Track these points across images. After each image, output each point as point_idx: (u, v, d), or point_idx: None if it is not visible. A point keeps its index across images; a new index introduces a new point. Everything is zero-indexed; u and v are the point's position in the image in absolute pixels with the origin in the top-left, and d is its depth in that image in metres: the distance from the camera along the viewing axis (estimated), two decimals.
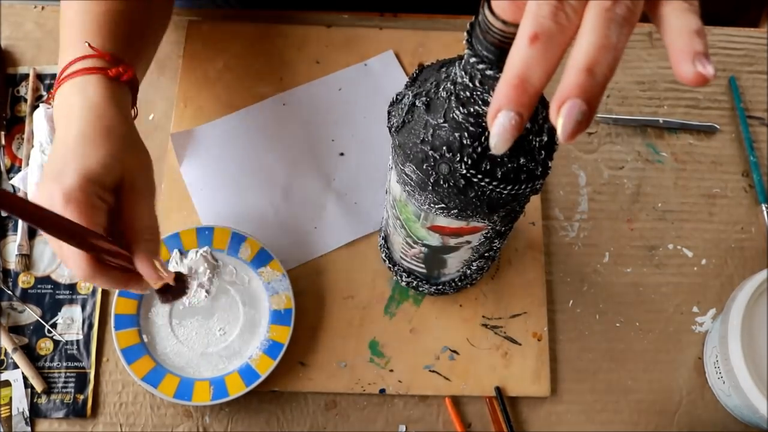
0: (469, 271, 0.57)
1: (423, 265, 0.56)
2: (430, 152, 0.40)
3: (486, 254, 0.54)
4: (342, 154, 0.66)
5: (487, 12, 0.31)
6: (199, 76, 0.69)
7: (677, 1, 0.30)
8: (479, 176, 0.39)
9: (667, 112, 0.71)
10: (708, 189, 0.68)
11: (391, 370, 0.60)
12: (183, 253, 0.60)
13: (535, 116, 0.39)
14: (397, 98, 0.43)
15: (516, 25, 0.31)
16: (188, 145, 0.66)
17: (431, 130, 0.39)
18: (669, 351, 0.62)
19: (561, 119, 0.28)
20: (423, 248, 0.52)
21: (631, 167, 0.69)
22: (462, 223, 0.45)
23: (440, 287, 0.59)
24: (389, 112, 0.44)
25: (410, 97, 0.41)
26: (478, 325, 0.61)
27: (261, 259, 0.60)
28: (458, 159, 0.39)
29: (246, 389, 0.56)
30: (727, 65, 0.73)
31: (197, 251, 0.60)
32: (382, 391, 0.59)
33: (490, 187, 0.40)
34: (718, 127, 0.70)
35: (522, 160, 0.40)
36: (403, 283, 0.60)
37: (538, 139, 0.40)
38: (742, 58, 0.74)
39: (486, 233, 0.48)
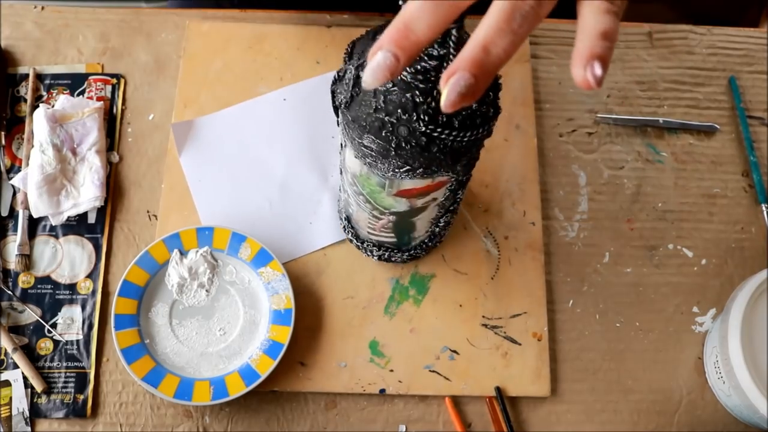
0: (437, 229, 0.58)
1: (392, 235, 0.56)
2: (386, 118, 0.40)
3: (451, 208, 0.55)
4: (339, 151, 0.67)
5: None
6: (199, 76, 0.69)
7: (597, 1, 0.31)
8: (439, 130, 0.40)
9: (667, 112, 0.71)
10: (708, 189, 0.68)
11: (391, 370, 0.60)
12: (183, 253, 0.60)
13: None
14: (339, 75, 0.44)
15: None
16: (188, 135, 0.66)
17: (382, 97, 0.40)
18: (669, 351, 0.62)
19: (446, 89, 0.30)
20: (391, 217, 0.52)
21: (631, 167, 0.69)
22: (428, 181, 0.46)
23: (412, 252, 0.60)
24: (333, 92, 0.44)
25: (353, 71, 0.41)
26: (478, 325, 0.61)
27: (261, 259, 0.60)
28: (415, 118, 0.40)
29: (246, 389, 0.56)
30: (727, 65, 0.73)
31: (197, 251, 0.60)
32: (382, 391, 0.59)
33: (451, 138, 0.41)
34: (718, 127, 0.70)
35: (474, 105, 0.40)
36: (375, 258, 0.61)
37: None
38: (742, 58, 0.74)
39: (450, 186, 0.49)
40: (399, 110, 0.40)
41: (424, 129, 0.40)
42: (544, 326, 0.62)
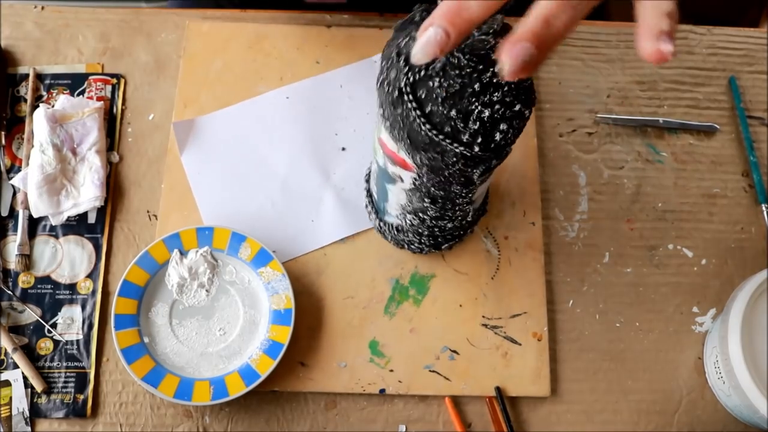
0: (404, 224, 0.58)
1: (375, 188, 0.58)
2: (395, 57, 0.42)
3: (419, 215, 0.55)
4: (344, 149, 0.67)
5: None
6: (199, 76, 0.69)
7: None
8: (410, 97, 0.42)
9: (667, 112, 0.71)
10: (708, 189, 0.68)
11: (391, 370, 0.60)
12: (183, 253, 0.60)
13: (485, 87, 0.42)
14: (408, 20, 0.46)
15: None
16: (190, 134, 0.66)
17: (406, 49, 0.42)
18: (669, 351, 0.62)
19: (507, 57, 0.31)
20: (374, 166, 0.54)
21: (631, 167, 0.69)
22: (394, 147, 0.47)
23: (382, 225, 0.61)
24: (406, 31, 0.46)
25: (418, 14, 0.44)
26: (478, 325, 0.61)
27: (261, 259, 0.60)
28: (403, 72, 0.41)
29: (246, 389, 0.56)
30: (727, 65, 0.73)
31: (197, 251, 0.60)
32: (382, 391, 0.59)
33: (414, 114, 0.42)
34: (718, 127, 0.70)
35: (453, 113, 0.41)
36: (376, 229, 0.62)
37: (483, 115, 0.42)
38: (742, 58, 0.74)
39: (415, 179, 0.49)
40: (402, 57, 0.42)
41: (401, 85, 0.42)
42: (544, 326, 0.62)
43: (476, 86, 0.41)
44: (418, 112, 0.42)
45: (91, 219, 0.63)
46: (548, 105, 0.70)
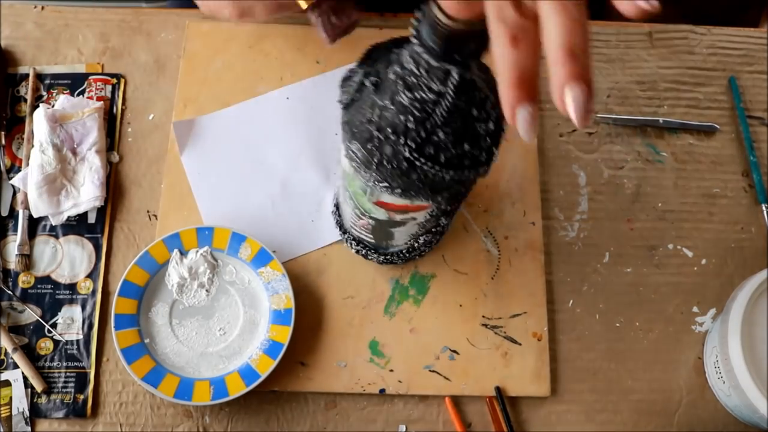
0: (416, 244, 0.58)
1: (371, 236, 0.57)
2: (375, 132, 0.40)
3: (433, 229, 0.55)
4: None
5: (436, 10, 0.33)
6: (199, 76, 0.69)
7: None
8: (422, 160, 0.40)
9: (667, 112, 0.71)
10: (708, 189, 0.68)
11: (391, 370, 0.60)
12: (183, 253, 0.60)
13: (482, 104, 0.40)
14: (348, 75, 0.43)
15: (463, 21, 0.32)
16: (190, 134, 0.66)
17: (378, 111, 0.40)
18: (669, 351, 0.62)
19: (570, 108, 0.30)
20: (370, 221, 0.52)
21: (631, 167, 0.69)
22: (406, 202, 0.46)
23: (389, 257, 0.60)
24: (341, 88, 0.44)
25: (360, 76, 0.41)
26: (478, 325, 0.61)
27: (261, 259, 0.60)
28: (402, 142, 0.39)
29: (246, 389, 0.56)
30: (727, 65, 0.73)
31: (197, 251, 0.60)
32: (382, 391, 0.59)
33: (433, 171, 0.40)
34: (718, 127, 0.70)
35: (467, 147, 0.40)
36: (353, 251, 0.61)
37: (484, 127, 0.40)
38: (742, 58, 0.74)
39: (431, 211, 0.49)
40: (389, 129, 0.39)
41: (407, 155, 0.39)
42: (544, 326, 0.62)
43: (475, 112, 0.40)
44: (437, 168, 0.40)
45: (91, 219, 0.63)
46: (548, 105, 0.70)
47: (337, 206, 0.61)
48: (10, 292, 0.60)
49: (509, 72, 0.30)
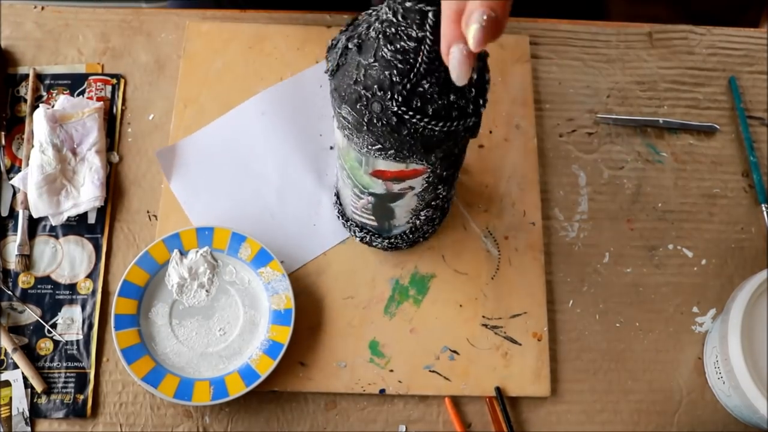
0: (418, 222, 0.58)
1: (373, 217, 0.57)
2: (363, 92, 0.41)
3: (433, 203, 0.55)
4: (332, 147, 0.66)
5: None
6: (199, 76, 0.69)
7: None
8: (410, 113, 0.40)
9: (667, 112, 0.71)
10: (708, 189, 0.68)
11: (391, 370, 0.60)
12: (183, 253, 0.60)
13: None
14: (332, 44, 0.44)
15: None
16: (174, 160, 0.65)
17: (363, 70, 0.40)
18: (669, 351, 0.62)
19: (470, 28, 0.31)
20: (370, 198, 0.53)
21: (631, 167, 0.69)
22: (401, 166, 0.46)
23: (392, 240, 0.60)
24: (326, 58, 0.45)
25: (344, 41, 0.42)
26: (478, 325, 0.61)
27: (261, 259, 0.60)
28: (389, 96, 0.40)
29: (246, 389, 0.56)
30: (727, 65, 0.73)
31: (197, 251, 0.60)
32: (382, 391, 0.59)
33: (422, 124, 0.41)
34: (718, 127, 0.70)
35: (452, 97, 0.41)
36: (357, 239, 0.61)
37: (473, 78, 0.41)
38: (742, 58, 0.74)
39: (427, 177, 0.49)
40: (375, 86, 0.40)
41: (396, 109, 0.40)
42: (544, 326, 0.62)
43: None
44: (426, 121, 0.41)
45: (91, 219, 0.63)
46: (548, 105, 0.70)
47: (337, 195, 0.61)
48: (10, 292, 0.60)
49: (449, 7, 0.32)
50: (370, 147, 0.44)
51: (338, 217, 0.62)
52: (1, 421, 0.57)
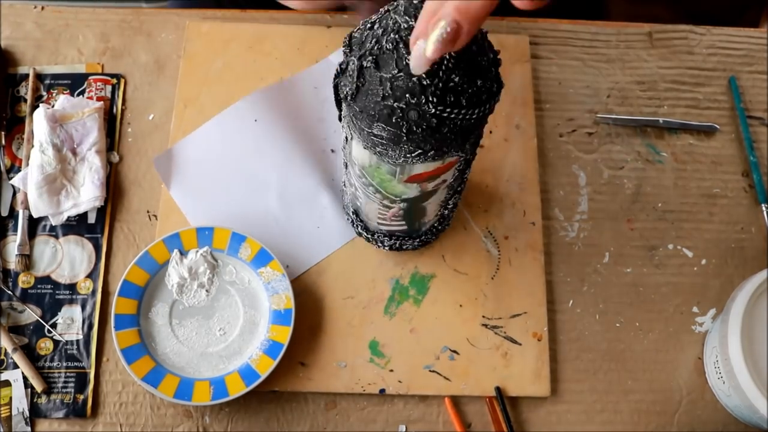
0: (446, 212, 0.58)
1: (403, 222, 0.57)
2: (395, 104, 0.41)
3: (459, 189, 0.55)
4: (333, 151, 0.66)
5: None
6: (199, 76, 0.69)
7: None
8: (448, 110, 0.40)
9: (667, 112, 0.71)
10: (708, 189, 0.68)
11: (391, 370, 0.60)
12: (183, 253, 0.60)
13: (477, 39, 0.41)
14: (341, 68, 0.44)
15: None
16: (171, 165, 0.65)
17: (388, 84, 0.40)
18: (669, 351, 0.62)
19: (430, 36, 0.33)
20: (402, 204, 0.53)
21: (631, 167, 0.69)
22: (438, 163, 0.46)
23: (423, 238, 0.60)
24: (336, 85, 0.45)
25: (355, 62, 0.42)
26: (478, 325, 0.61)
27: (261, 259, 0.60)
28: (424, 101, 0.40)
29: (246, 389, 0.56)
30: (727, 65, 0.73)
31: (197, 251, 0.60)
32: (382, 391, 0.59)
33: (461, 116, 0.41)
34: (718, 127, 0.70)
35: (479, 82, 0.41)
36: (386, 248, 0.61)
37: (485, 59, 0.41)
38: (742, 58, 0.74)
39: (458, 166, 0.49)
40: (407, 95, 0.40)
41: (433, 111, 0.40)
42: (544, 326, 0.62)
43: (474, 47, 0.41)
44: (463, 112, 0.41)
45: (91, 219, 0.63)
46: (548, 105, 0.70)
47: (355, 213, 0.60)
48: (10, 292, 0.60)
49: (430, 3, 0.33)
50: (408, 155, 0.44)
51: (360, 233, 0.61)
52: (1, 421, 0.57)
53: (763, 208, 0.67)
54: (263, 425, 0.58)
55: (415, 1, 0.38)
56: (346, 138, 0.49)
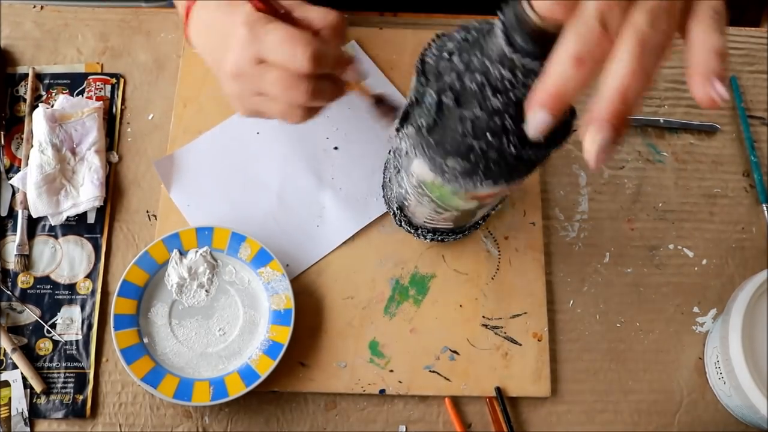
0: (492, 212, 0.59)
1: (451, 224, 0.58)
2: (475, 142, 0.40)
3: (506, 196, 0.57)
4: (336, 148, 0.66)
5: (528, 10, 0.33)
6: (199, 76, 0.69)
7: (705, 18, 0.32)
8: (529, 151, 0.41)
9: (667, 111, 0.71)
10: (709, 189, 0.68)
11: (391, 371, 0.60)
12: (182, 253, 0.60)
13: None
14: (416, 99, 0.43)
15: (554, 22, 0.32)
16: (173, 170, 0.65)
17: (469, 123, 0.40)
18: (669, 351, 0.62)
19: (590, 143, 0.30)
20: (455, 212, 0.53)
21: (632, 167, 0.68)
22: (503, 187, 0.46)
23: (466, 233, 0.61)
24: (407, 114, 0.44)
25: (434, 95, 0.41)
26: (478, 325, 0.61)
27: (261, 259, 0.60)
28: (506, 143, 0.40)
29: (246, 389, 0.56)
30: (728, 65, 0.73)
31: (197, 251, 0.60)
32: (382, 391, 0.59)
33: (539, 155, 0.42)
34: (718, 126, 0.70)
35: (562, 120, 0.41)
36: (427, 240, 0.61)
37: None
38: (743, 58, 0.73)
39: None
40: (488, 135, 0.40)
41: (514, 152, 0.40)
42: (544, 326, 0.61)
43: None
44: (542, 151, 0.41)
45: (91, 219, 0.63)
46: None
47: (400, 208, 0.60)
48: (9, 292, 0.60)
49: (553, 81, 0.30)
50: (480, 184, 0.44)
51: (402, 226, 0.61)
52: (1, 421, 0.57)
53: (764, 208, 0.67)
54: (263, 425, 0.58)
55: (510, 56, 0.36)
56: (405, 152, 0.48)
